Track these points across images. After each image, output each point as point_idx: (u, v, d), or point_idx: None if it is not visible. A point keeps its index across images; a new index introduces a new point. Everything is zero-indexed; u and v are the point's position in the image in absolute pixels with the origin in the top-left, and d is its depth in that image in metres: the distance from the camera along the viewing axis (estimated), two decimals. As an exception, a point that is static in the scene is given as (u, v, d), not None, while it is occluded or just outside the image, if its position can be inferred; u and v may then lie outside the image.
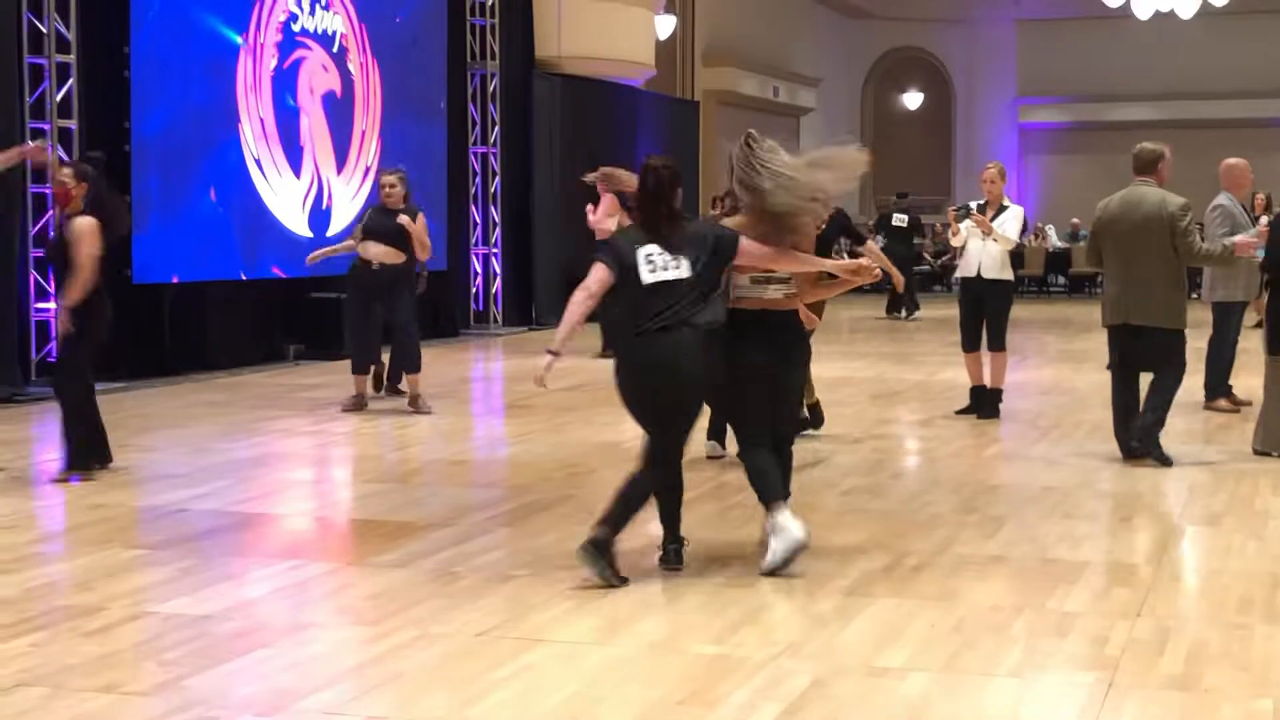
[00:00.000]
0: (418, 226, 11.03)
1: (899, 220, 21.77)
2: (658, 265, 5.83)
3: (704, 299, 5.86)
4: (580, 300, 5.86)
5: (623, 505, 5.87)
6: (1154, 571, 6.17)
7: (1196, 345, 14.26)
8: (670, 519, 6.11)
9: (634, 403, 5.93)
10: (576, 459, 8.92)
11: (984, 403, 10.63)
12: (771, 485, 6.02)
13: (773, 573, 5.89)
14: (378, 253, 10.94)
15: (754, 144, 6.02)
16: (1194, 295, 9.84)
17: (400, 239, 10.95)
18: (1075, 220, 28.53)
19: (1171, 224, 8.43)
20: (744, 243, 5.94)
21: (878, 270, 6.36)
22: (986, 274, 10.45)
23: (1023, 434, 10.03)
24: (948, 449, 9.38)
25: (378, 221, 11.04)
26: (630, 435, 9.77)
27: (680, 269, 5.83)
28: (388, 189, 11.09)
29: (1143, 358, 8.68)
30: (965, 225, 10.48)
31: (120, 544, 6.64)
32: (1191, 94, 29.80)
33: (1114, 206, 8.74)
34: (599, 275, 5.86)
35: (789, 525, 5.91)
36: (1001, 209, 10.49)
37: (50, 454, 8.81)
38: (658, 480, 5.94)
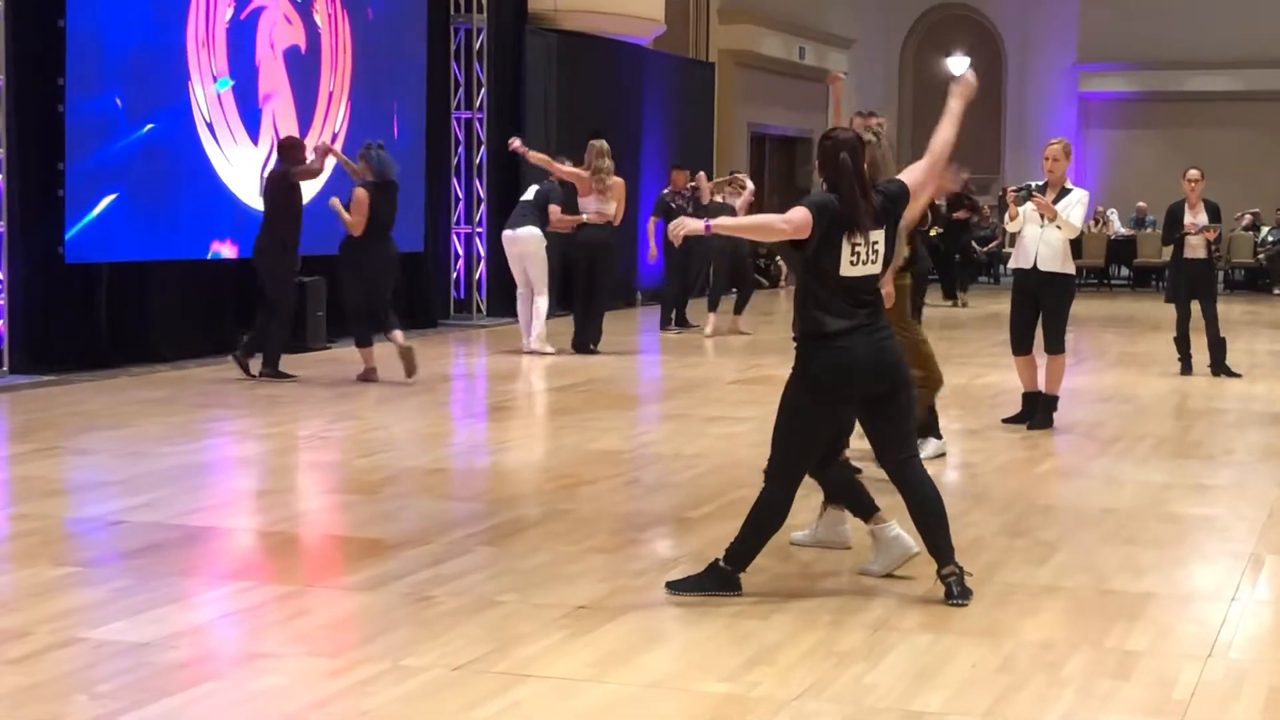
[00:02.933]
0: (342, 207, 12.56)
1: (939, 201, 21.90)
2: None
3: None
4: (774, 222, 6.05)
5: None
6: (1227, 606, 6.17)
7: (1277, 349, 14.29)
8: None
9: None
10: (569, 469, 8.93)
11: (1036, 411, 10.64)
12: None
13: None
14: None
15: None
16: (1277, 292, 9.83)
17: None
18: (1141, 204, 28.55)
19: None
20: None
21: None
22: (1044, 266, 10.44)
23: (1079, 447, 10.04)
24: (993, 463, 9.38)
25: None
26: (633, 442, 9.80)
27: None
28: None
29: None
30: (1025, 209, 10.47)
31: (47, 560, 6.64)
32: (1275, 61, 29.77)
33: None
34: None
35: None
36: (1064, 192, 10.49)
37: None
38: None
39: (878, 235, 6.02)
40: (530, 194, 15.32)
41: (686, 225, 6.08)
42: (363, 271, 12.53)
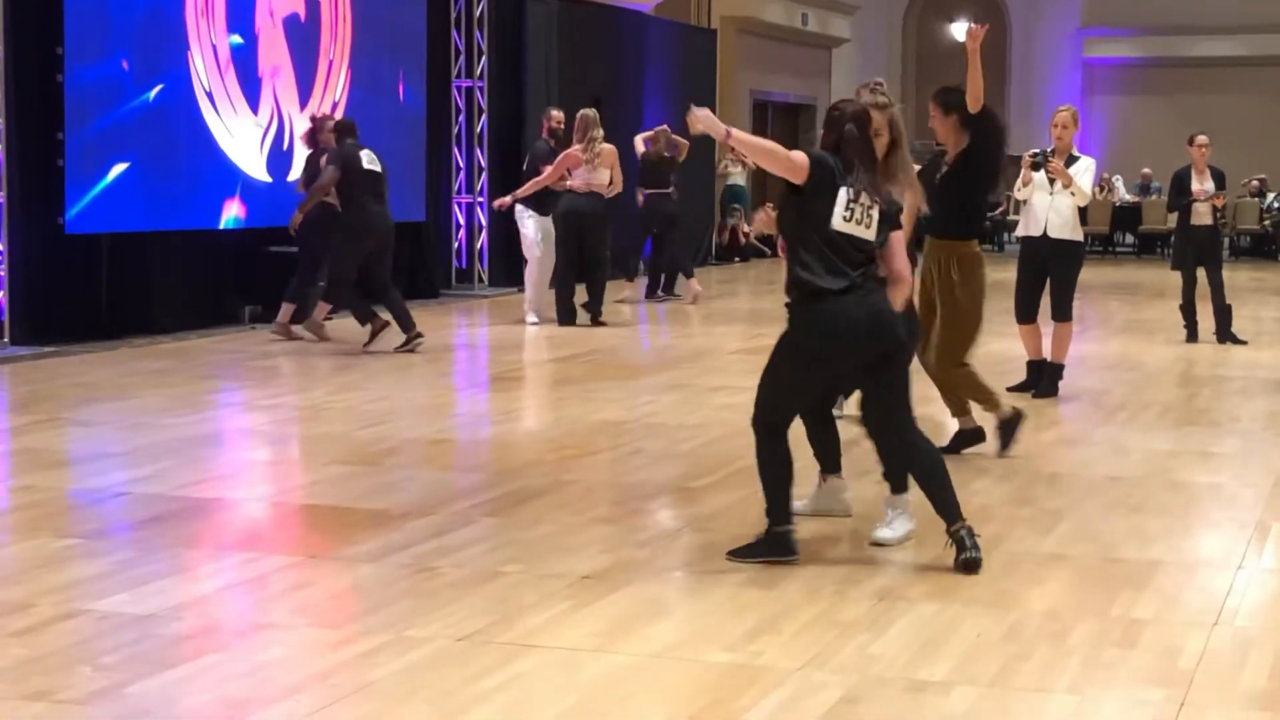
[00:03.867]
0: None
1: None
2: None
3: None
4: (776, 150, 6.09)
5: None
6: (1233, 574, 6.18)
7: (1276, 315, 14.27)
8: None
9: None
10: (572, 439, 8.93)
11: (1041, 379, 10.64)
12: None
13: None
14: None
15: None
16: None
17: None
18: (1146, 170, 28.49)
19: None
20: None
21: None
22: (1054, 233, 10.45)
23: (1085, 415, 10.04)
24: (998, 432, 9.38)
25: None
26: (636, 412, 9.80)
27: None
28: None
29: None
30: (1037, 175, 10.47)
31: (50, 532, 6.65)
32: (1282, 26, 29.69)
33: None
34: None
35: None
36: (1071, 160, 10.49)
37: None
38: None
39: (874, 206, 6.03)
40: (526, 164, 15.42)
41: (705, 119, 6.10)
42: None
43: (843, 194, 5.97)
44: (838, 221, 5.97)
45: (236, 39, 14.55)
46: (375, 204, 12.81)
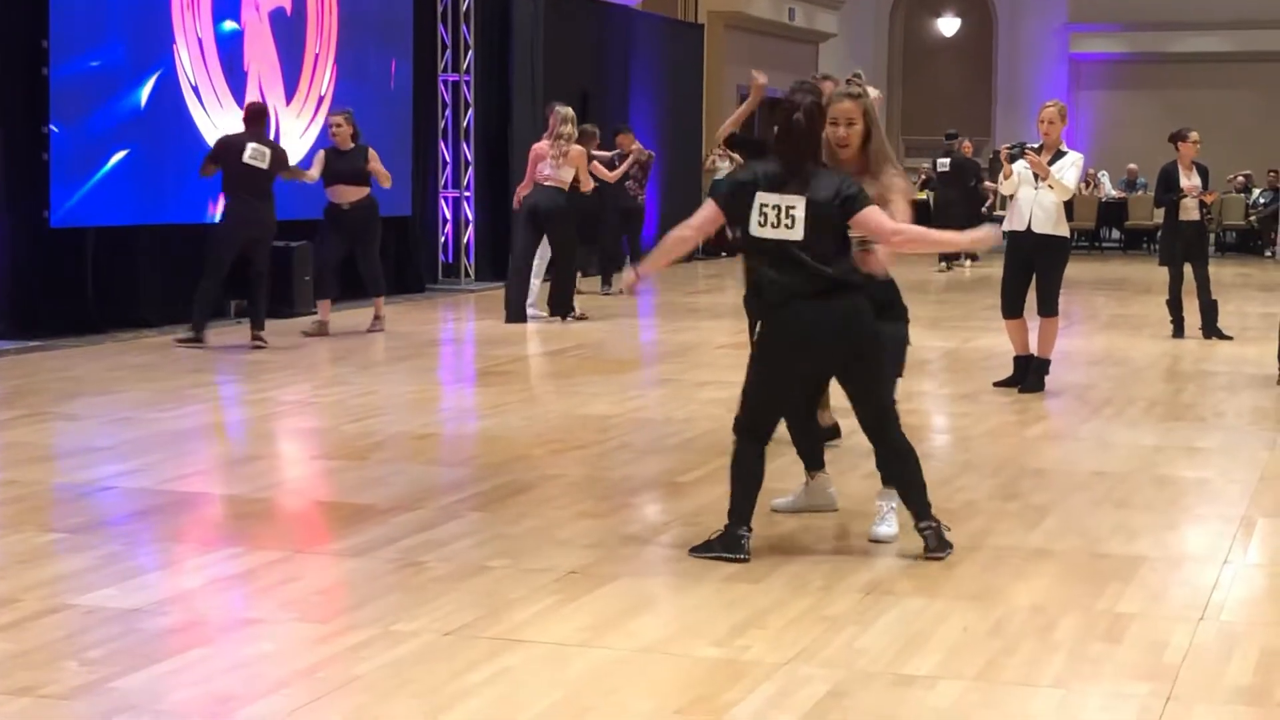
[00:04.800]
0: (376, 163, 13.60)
1: (942, 165, 22.01)
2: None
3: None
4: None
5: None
6: (1219, 569, 6.19)
7: (1270, 311, 14.33)
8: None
9: None
10: (558, 434, 8.93)
11: (1028, 374, 10.65)
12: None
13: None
14: (348, 193, 13.44)
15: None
16: (1268, 254, 9.87)
17: (363, 176, 13.46)
18: (1132, 166, 28.53)
19: None
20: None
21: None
22: (1039, 228, 10.45)
23: (1070, 410, 10.06)
24: (984, 426, 9.40)
25: (340, 163, 13.44)
26: (623, 406, 9.80)
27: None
28: (335, 128, 13.61)
29: None
30: (1018, 167, 10.48)
31: (35, 527, 6.64)
32: (1270, 22, 29.72)
33: None
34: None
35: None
36: (1059, 154, 10.49)
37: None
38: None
39: (795, 201, 5.97)
40: None
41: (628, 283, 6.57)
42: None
43: (755, 202, 6.00)
44: (754, 229, 6.01)
45: (231, 24, 14.50)
46: (250, 198, 12.54)
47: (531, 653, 5.02)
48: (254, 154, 12.51)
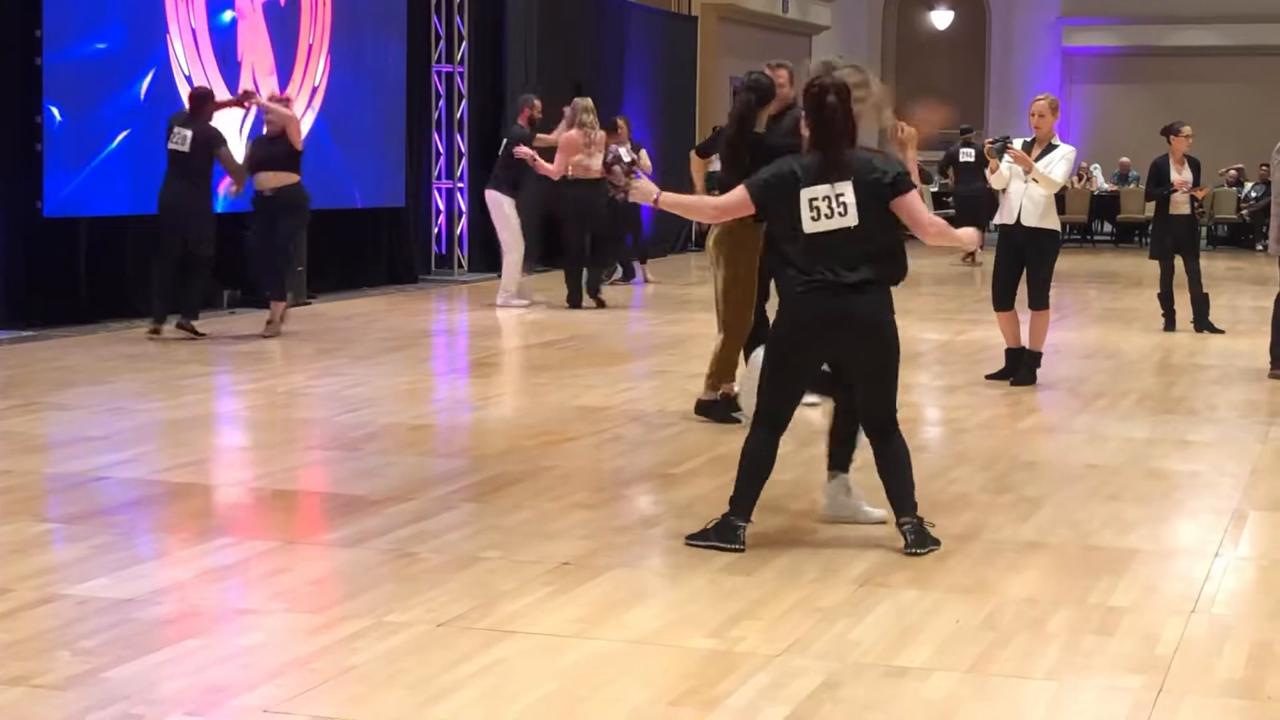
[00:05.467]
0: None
1: (965, 155, 21.95)
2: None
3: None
4: None
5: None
6: (1210, 562, 6.20)
7: (1261, 305, 14.33)
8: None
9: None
10: (551, 425, 8.92)
11: (1019, 367, 10.65)
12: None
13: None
14: (268, 179, 12.78)
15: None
16: (1259, 248, 9.88)
17: (290, 162, 12.84)
18: (1125, 159, 28.53)
19: None
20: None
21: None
22: (1028, 221, 10.45)
23: (1062, 403, 10.06)
24: (976, 419, 9.40)
25: (261, 149, 12.99)
26: (616, 398, 9.80)
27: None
28: (268, 114, 13.23)
29: None
30: (1005, 162, 10.48)
31: (28, 517, 6.63)
32: (1262, 16, 29.73)
33: None
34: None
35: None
36: (1050, 148, 10.48)
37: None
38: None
39: (843, 188, 5.97)
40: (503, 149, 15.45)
41: (641, 190, 6.27)
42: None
43: (804, 197, 5.97)
44: (808, 225, 5.98)
45: (226, 15, 14.49)
46: (172, 181, 12.51)
47: (525, 644, 5.02)
48: (177, 138, 12.51)
